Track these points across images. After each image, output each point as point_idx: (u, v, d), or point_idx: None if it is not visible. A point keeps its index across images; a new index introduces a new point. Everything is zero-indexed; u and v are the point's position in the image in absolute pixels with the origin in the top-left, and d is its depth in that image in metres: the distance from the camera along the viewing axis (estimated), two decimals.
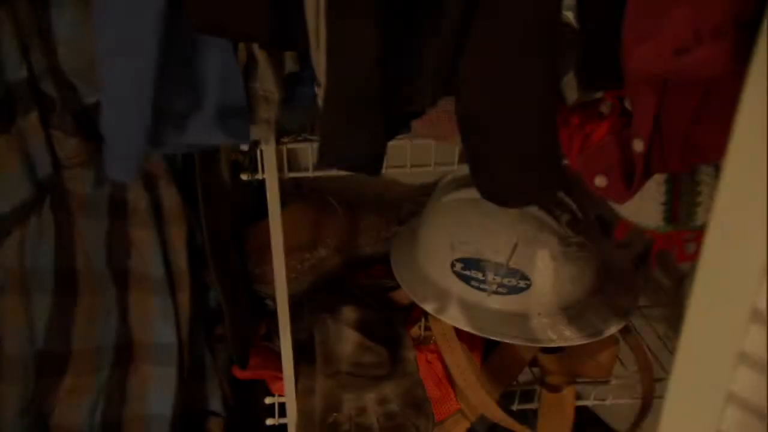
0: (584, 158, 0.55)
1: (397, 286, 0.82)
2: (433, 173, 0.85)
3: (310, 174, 0.69)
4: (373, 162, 0.52)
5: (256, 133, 0.51)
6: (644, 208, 0.60)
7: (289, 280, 0.84)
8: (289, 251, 0.83)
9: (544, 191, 0.53)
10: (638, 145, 0.50)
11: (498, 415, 0.74)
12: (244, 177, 0.67)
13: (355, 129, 0.48)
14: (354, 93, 0.47)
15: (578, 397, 0.82)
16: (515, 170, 0.51)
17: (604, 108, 0.55)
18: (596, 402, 0.85)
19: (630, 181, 0.53)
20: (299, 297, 0.87)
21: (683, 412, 0.36)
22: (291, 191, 0.96)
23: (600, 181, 0.55)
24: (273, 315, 0.74)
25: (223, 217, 0.75)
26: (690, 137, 0.50)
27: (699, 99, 0.47)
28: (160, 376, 0.77)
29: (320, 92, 0.50)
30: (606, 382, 0.83)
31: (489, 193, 0.53)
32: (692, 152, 0.51)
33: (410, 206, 0.94)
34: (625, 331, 0.82)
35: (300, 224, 0.87)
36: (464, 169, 0.77)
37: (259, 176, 0.65)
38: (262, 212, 0.67)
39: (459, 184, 0.77)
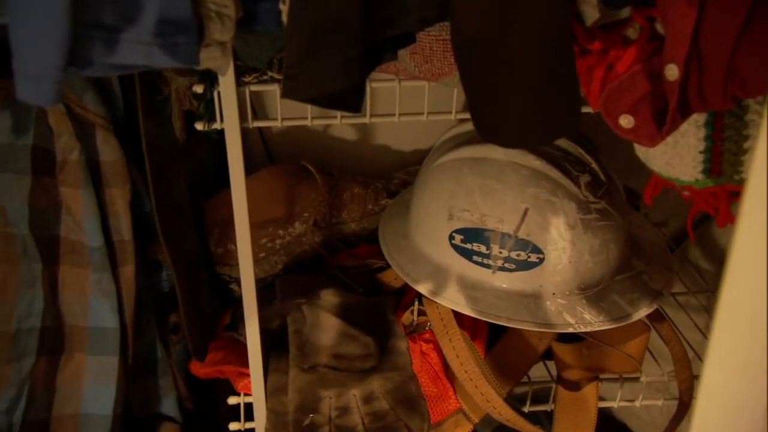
0: (607, 94, 0.53)
1: (387, 267, 0.82)
2: (429, 136, 0.84)
3: (279, 123, 0.67)
4: (351, 95, 0.50)
5: (207, 58, 0.48)
6: (679, 157, 0.58)
7: (258, 261, 0.85)
8: (258, 226, 0.84)
9: (556, 128, 0.51)
10: (672, 72, 0.48)
11: (506, 414, 0.72)
12: (199, 126, 0.65)
13: (327, 52, 0.47)
14: (325, 8, 0.46)
15: (601, 397, 0.80)
16: (521, 102, 0.49)
17: (631, 31, 0.53)
18: (623, 403, 0.84)
19: (662, 120, 0.51)
20: (271, 281, 0.87)
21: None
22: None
23: (626, 121, 0.53)
24: (240, 302, 0.73)
25: (176, 180, 0.74)
26: (734, 63, 0.47)
27: (746, 12, 0.45)
28: (99, 367, 0.75)
29: (285, 8, 0.48)
30: (635, 379, 0.82)
31: (490, 133, 0.52)
32: (737, 83, 0.49)
33: (402, 176, 0.94)
34: (658, 318, 0.81)
35: (272, 194, 0.86)
36: (465, 126, 0.77)
37: (218, 126, 0.63)
38: (228, 181, 0.65)
39: (458, 141, 0.75)
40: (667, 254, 0.81)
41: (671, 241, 1.00)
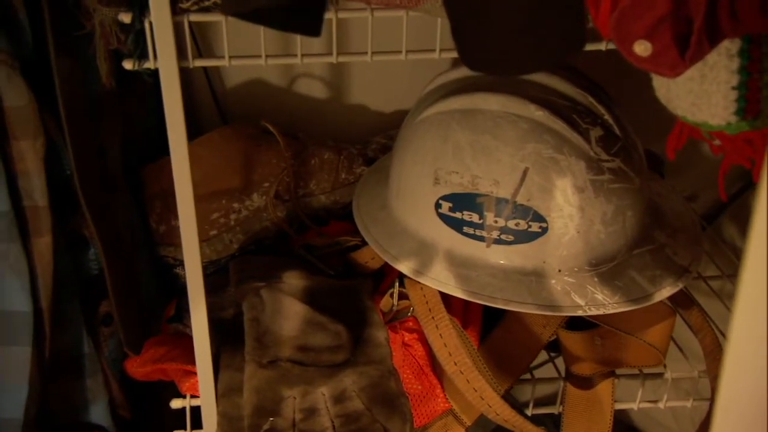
0: (619, 14, 0.51)
1: (362, 245, 0.82)
2: (413, 92, 0.83)
3: (226, 62, 0.66)
4: (308, 14, 0.49)
5: None
6: (707, 96, 0.57)
7: (209, 240, 0.87)
8: (208, 198, 0.85)
9: (554, 50, 0.50)
10: None
11: (504, 413, 0.71)
12: (127, 65, 0.64)
13: None
14: None
15: (617, 399, 0.80)
16: (512, 21, 0.48)
17: None
18: (644, 404, 0.84)
19: (685, 45, 0.50)
20: (225, 263, 0.87)
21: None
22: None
23: (642, 48, 0.52)
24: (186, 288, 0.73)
25: (105, 138, 0.72)
26: None
27: None
28: (6, 360, 0.73)
29: None
30: (658, 376, 0.82)
31: (476, 60, 0.51)
32: None
33: (381, 140, 0.95)
34: (686, 304, 0.82)
35: (225, 160, 0.86)
36: (453, 73, 0.76)
37: (150, 65, 0.62)
38: None
39: (445, 91, 0.75)
40: (695, 226, 0.81)
41: (703, 219, 1.00)
